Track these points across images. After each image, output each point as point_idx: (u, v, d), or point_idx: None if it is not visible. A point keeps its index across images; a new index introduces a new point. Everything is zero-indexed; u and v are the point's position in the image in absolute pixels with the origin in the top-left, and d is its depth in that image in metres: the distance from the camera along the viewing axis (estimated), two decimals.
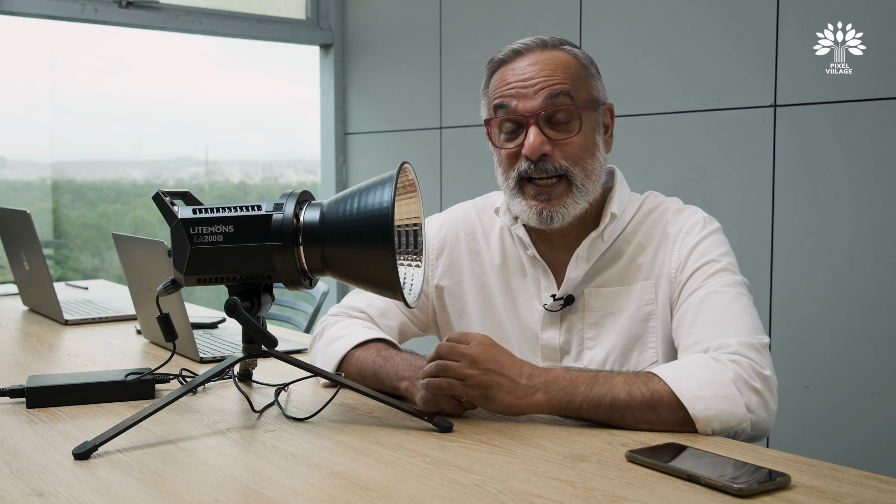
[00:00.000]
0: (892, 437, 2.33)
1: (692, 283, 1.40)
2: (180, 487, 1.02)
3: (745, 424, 1.22)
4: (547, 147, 1.41)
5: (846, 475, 1.05)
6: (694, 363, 1.27)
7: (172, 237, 1.25)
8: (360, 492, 1.00)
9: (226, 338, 1.95)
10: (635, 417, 1.23)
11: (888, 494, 0.98)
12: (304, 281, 1.27)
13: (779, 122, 2.54)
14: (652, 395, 1.22)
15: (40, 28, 3.66)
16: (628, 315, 1.45)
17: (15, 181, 3.89)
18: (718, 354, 1.27)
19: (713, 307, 1.35)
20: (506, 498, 0.98)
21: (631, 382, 1.24)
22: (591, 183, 1.44)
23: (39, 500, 0.98)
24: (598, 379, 1.25)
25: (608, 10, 2.98)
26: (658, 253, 1.46)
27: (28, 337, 2.02)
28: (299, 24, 4.11)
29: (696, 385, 1.22)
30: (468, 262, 1.59)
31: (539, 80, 1.42)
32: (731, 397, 1.22)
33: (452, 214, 1.65)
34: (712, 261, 1.41)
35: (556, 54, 1.45)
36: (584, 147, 1.43)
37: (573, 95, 1.42)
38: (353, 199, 1.21)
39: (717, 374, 1.23)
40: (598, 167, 1.45)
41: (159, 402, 1.23)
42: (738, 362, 1.26)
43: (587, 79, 1.46)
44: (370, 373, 1.42)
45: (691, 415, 1.21)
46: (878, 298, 2.36)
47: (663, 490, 1.00)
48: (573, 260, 1.47)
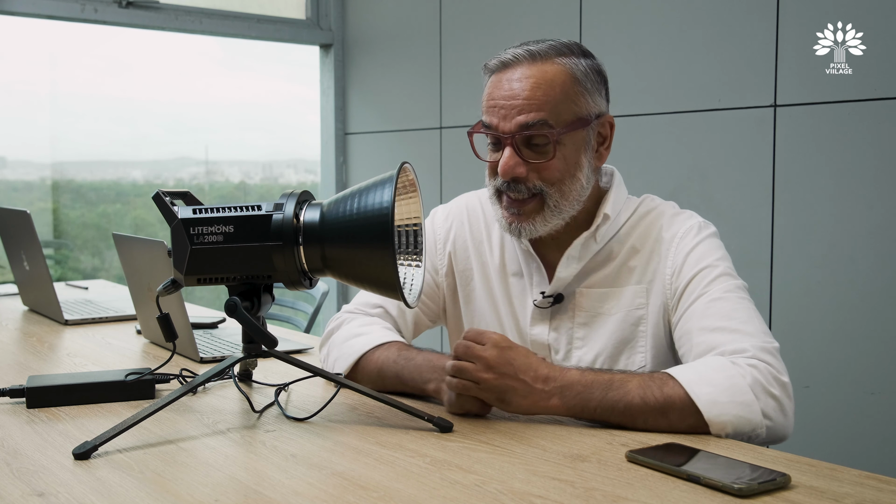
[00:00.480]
0: (892, 438, 2.33)
1: (692, 289, 1.39)
2: (180, 487, 1.02)
3: (761, 430, 1.21)
4: (520, 170, 1.39)
5: (846, 475, 1.05)
6: (711, 366, 1.25)
7: (172, 237, 1.25)
8: (360, 492, 1.00)
9: (226, 338, 1.95)
10: (647, 421, 1.23)
11: (888, 494, 0.98)
12: (304, 281, 1.27)
13: (779, 122, 2.54)
14: (665, 401, 1.21)
15: (40, 28, 3.66)
16: (618, 318, 1.45)
17: (15, 181, 3.89)
18: (736, 359, 1.26)
19: (719, 314, 1.34)
20: (506, 498, 0.98)
21: (645, 387, 1.23)
22: (568, 203, 1.42)
23: (39, 499, 0.98)
24: (614, 383, 1.24)
25: (608, 10, 2.98)
26: (652, 257, 1.45)
27: (28, 337, 2.02)
28: (299, 24, 4.11)
29: (713, 389, 1.21)
30: (473, 251, 1.59)
31: (520, 102, 1.38)
32: (748, 403, 1.20)
33: (458, 204, 1.65)
34: (710, 266, 1.39)
35: (544, 69, 1.39)
36: (563, 170, 1.40)
37: (552, 122, 1.38)
38: (354, 199, 1.21)
39: (735, 379, 1.22)
40: (578, 188, 1.42)
41: (159, 402, 1.23)
42: (757, 367, 1.24)
43: (577, 96, 1.40)
44: (392, 374, 1.41)
45: (706, 419, 1.20)
46: (879, 299, 2.36)
47: (663, 490, 1.00)
48: (564, 259, 1.46)
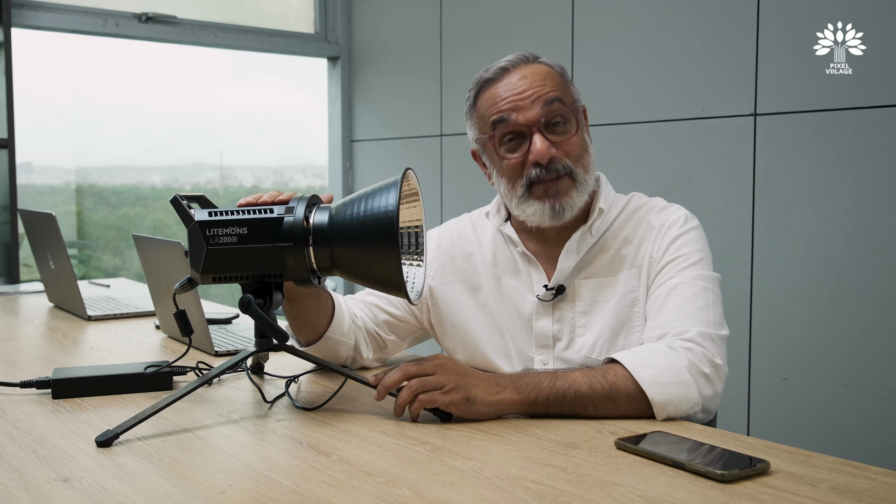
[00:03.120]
0: (865, 426, 2.33)
1: (666, 272, 1.43)
2: (196, 473, 1.02)
3: (697, 408, 1.25)
4: (553, 150, 1.43)
5: (822, 461, 1.05)
6: (651, 350, 1.29)
7: (189, 238, 1.25)
8: (365, 477, 1.00)
9: (239, 332, 1.95)
10: (596, 407, 1.24)
11: (861, 479, 0.98)
12: (313, 280, 1.27)
13: (759, 129, 2.54)
14: (611, 386, 1.24)
15: (63, 42, 3.66)
16: (615, 302, 1.47)
17: (41, 186, 3.88)
18: (673, 341, 1.30)
19: (681, 297, 1.38)
20: (502, 483, 0.98)
21: (590, 375, 1.25)
22: (590, 177, 1.48)
23: (64, 485, 0.98)
24: (559, 374, 1.26)
25: (599, 24, 2.98)
26: (643, 244, 1.48)
27: (53, 332, 2.02)
28: (308, 38, 4.11)
29: (654, 371, 1.24)
30: (461, 264, 1.60)
31: (533, 90, 1.44)
32: (685, 383, 1.24)
33: (448, 225, 1.69)
34: (687, 254, 1.43)
35: (539, 67, 1.48)
36: (581, 145, 1.47)
37: (564, 100, 1.45)
38: (360, 203, 1.21)
39: (672, 362, 1.26)
40: (592, 162, 1.50)
41: (177, 393, 1.23)
42: (692, 350, 1.28)
43: (567, 85, 1.50)
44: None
45: (649, 399, 1.22)
46: (853, 295, 2.36)
47: (650, 475, 1.00)
48: (564, 252, 1.49)
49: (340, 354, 1.53)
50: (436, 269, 1.62)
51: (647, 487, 0.96)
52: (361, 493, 0.95)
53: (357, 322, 1.56)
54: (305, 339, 1.50)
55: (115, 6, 3.53)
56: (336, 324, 1.49)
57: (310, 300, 1.44)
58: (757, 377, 2.56)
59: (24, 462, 1.06)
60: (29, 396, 1.39)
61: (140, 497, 0.94)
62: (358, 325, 1.56)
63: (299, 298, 1.43)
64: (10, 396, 1.39)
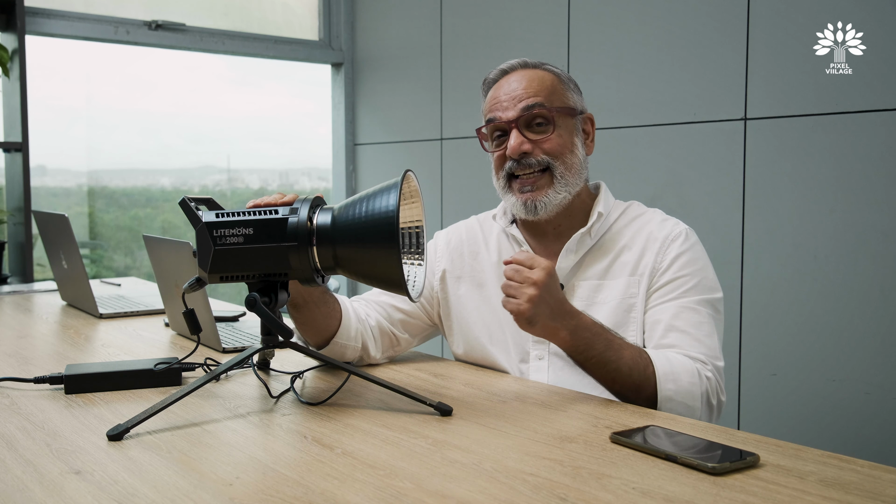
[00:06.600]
0: (852, 420, 2.33)
1: (670, 289, 1.45)
2: (204, 466, 1.02)
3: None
4: (527, 146, 1.48)
5: (810, 455, 1.05)
6: (683, 366, 1.35)
7: (197, 239, 1.25)
8: (367, 470, 1.00)
9: (246, 330, 1.95)
10: (619, 389, 1.33)
11: (848, 472, 0.98)
12: (317, 278, 1.27)
13: (749, 134, 2.54)
14: (640, 385, 1.32)
15: (77, 49, 3.66)
16: (613, 305, 1.48)
17: (54, 187, 3.88)
18: (702, 368, 1.36)
19: (688, 322, 1.42)
20: (500, 475, 0.98)
21: (635, 362, 1.32)
22: (572, 176, 1.50)
23: (76, 477, 0.98)
24: (613, 345, 1.33)
25: (593, 32, 2.98)
26: (645, 254, 1.49)
27: (66, 329, 2.02)
28: (313, 45, 4.10)
29: (674, 388, 1.32)
30: (469, 262, 1.64)
31: (519, 93, 1.50)
32: (692, 408, 1.34)
33: (457, 225, 1.72)
34: (691, 274, 1.46)
35: (535, 72, 1.53)
36: (563, 144, 1.50)
37: (546, 104, 1.49)
38: (362, 204, 1.21)
39: (693, 388, 1.33)
40: (578, 163, 1.52)
41: (185, 389, 1.23)
42: (710, 380, 1.36)
43: (563, 91, 1.53)
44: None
45: (657, 406, 1.32)
46: (839, 294, 2.36)
47: (643, 468, 1.00)
48: (563, 252, 1.52)
49: (347, 356, 1.54)
50: (446, 264, 1.64)
51: (641, 480, 0.96)
52: (364, 485, 0.95)
53: (370, 321, 1.56)
54: (314, 343, 1.50)
55: (126, 14, 3.53)
56: (344, 329, 1.50)
57: (316, 306, 1.44)
58: (747, 373, 2.56)
59: (38, 455, 1.06)
60: (42, 392, 1.39)
61: (150, 489, 0.94)
62: (370, 324, 1.56)
63: (305, 304, 1.43)
64: (24, 392, 1.39)
